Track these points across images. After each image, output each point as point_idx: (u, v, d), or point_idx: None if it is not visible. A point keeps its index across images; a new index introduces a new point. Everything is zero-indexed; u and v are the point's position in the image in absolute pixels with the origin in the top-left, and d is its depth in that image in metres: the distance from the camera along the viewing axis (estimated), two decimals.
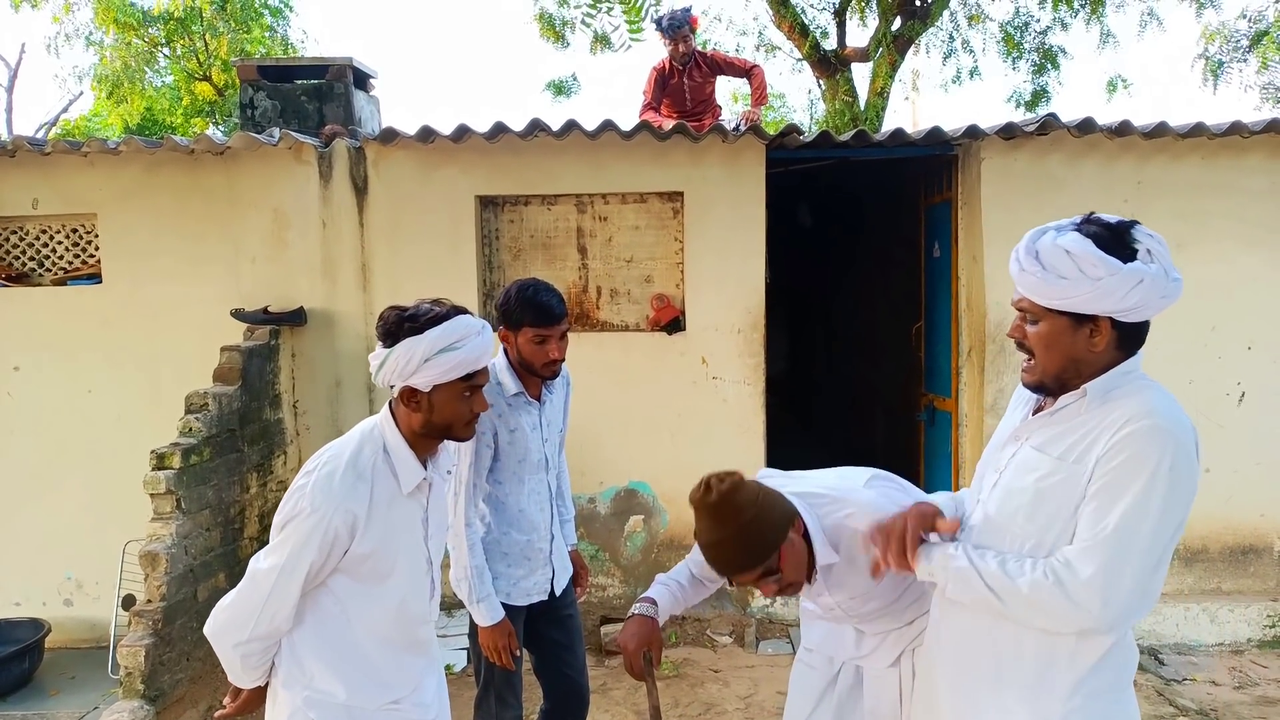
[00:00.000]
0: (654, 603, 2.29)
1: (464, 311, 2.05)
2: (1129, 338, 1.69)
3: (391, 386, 2.01)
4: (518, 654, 2.77)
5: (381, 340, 1.98)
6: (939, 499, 2.05)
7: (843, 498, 2.03)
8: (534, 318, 2.69)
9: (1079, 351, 1.68)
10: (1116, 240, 1.65)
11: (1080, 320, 1.66)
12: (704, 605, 5.05)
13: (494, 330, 2.64)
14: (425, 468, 2.07)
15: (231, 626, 1.96)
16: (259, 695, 2.10)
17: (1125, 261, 1.61)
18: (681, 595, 2.36)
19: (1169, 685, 4.30)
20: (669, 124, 5.02)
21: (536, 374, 2.78)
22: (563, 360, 2.81)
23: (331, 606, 2.00)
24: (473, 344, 1.98)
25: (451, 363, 1.94)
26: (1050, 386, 1.73)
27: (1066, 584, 1.61)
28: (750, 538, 1.88)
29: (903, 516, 1.83)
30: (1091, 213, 1.73)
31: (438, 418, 2.00)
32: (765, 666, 4.59)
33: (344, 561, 1.96)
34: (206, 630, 2.02)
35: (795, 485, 2.09)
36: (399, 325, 1.95)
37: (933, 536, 1.82)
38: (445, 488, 2.24)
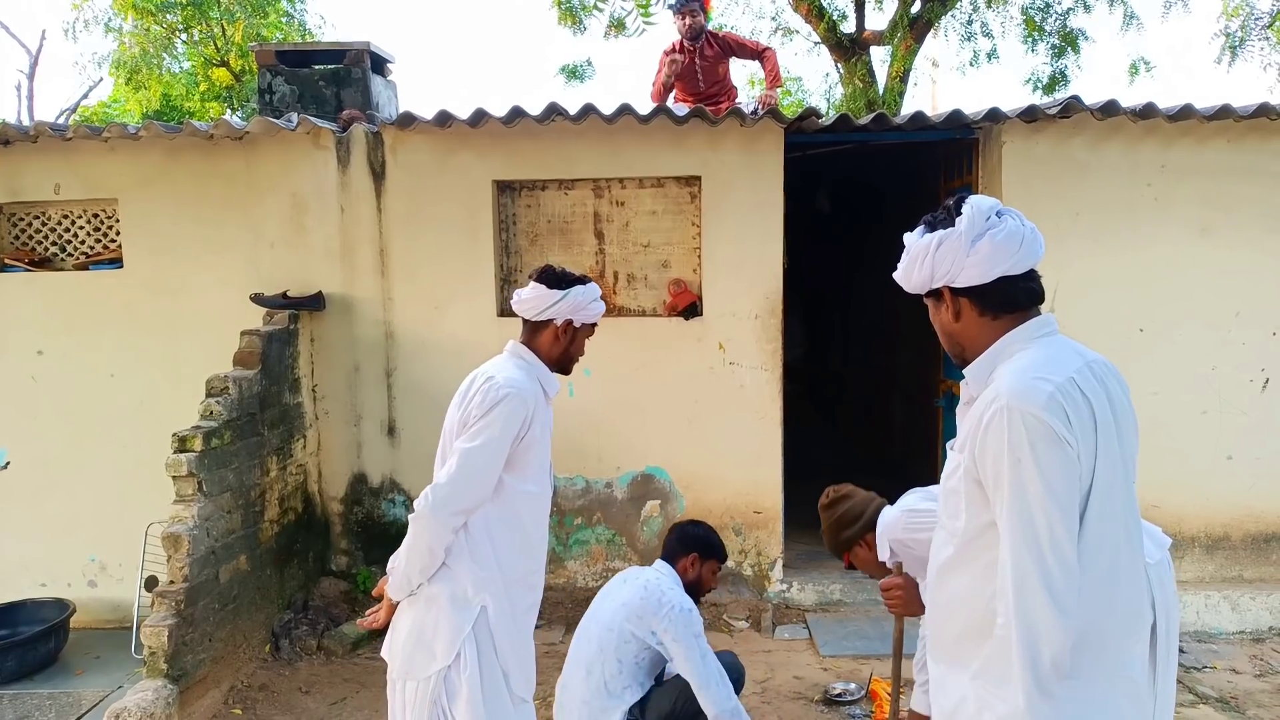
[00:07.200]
0: None
1: None
2: (987, 302, 1.68)
3: (546, 321, 2.54)
4: None
5: (548, 285, 2.51)
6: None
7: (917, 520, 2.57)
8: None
9: (947, 327, 1.75)
10: (946, 215, 1.71)
11: (936, 299, 1.75)
12: (721, 591, 5.06)
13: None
14: None
15: (452, 497, 2.36)
16: (391, 614, 2.53)
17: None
18: None
19: (1189, 673, 4.27)
20: (685, 108, 4.99)
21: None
22: None
23: (500, 490, 2.45)
24: (601, 301, 2.64)
25: (599, 310, 2.62)
26: (957, 363, 1.79)
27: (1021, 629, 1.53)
28: (831, 535, 2.81)
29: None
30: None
31: (574, 350, 2.62)
32: (781, 651, 4.60)
33: (515, 451, 2.42)
34: (420, 507, 2.36)
35: (914, 501, 2.66)
36: (563, 276, 2.55)
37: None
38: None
